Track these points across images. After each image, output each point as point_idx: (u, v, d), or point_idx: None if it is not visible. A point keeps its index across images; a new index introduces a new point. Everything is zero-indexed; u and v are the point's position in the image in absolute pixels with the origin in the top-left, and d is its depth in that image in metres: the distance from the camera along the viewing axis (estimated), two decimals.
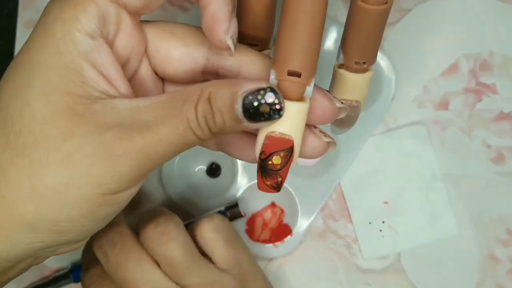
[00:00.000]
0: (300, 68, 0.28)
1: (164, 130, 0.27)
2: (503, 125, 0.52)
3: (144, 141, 0.27)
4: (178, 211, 0.44)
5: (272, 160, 0.29)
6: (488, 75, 0.53)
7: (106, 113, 0.28)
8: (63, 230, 0.29)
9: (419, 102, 0.53)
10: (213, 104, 0.27)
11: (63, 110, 0.27)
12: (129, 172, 0.28)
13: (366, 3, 0.33)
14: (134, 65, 0.32)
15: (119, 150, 0.27)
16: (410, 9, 0.54)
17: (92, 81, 0.29)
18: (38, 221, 0.28)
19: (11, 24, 0.54)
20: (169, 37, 0.32)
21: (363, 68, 0.36)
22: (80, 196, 0.28)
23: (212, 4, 0.29)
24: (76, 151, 0.27)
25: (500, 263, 0.51)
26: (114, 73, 0.30)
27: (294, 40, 0.27)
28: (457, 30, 0.54)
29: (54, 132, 0.27)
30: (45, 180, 0.27)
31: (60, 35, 0.28)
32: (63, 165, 0.27)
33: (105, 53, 0.29)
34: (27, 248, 0.29)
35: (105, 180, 0.28)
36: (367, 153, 0.53)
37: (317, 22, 0.27)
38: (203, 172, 0.55)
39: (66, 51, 0.28)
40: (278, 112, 0.27)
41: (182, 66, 0.32)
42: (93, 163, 0.27)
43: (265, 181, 0.30)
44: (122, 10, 0.30)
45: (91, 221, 0.29)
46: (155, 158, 0.28)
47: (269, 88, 0.27)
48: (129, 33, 0.31)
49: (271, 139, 0.29)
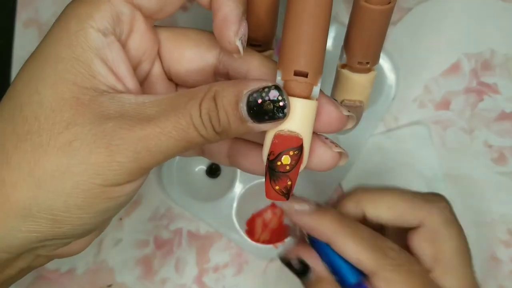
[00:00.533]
0: (306, 68, 0.28)
1: (166, 123, 0.28)
2: (505, 125, 0.52)
3: (144, 132, 0.27)
4: (179, 211, 0.44)
5: (281, 160, 0.29)
6: (489, 74, 0.53)
7: (110, 105, 0.28)
8: (59, 220, 0.29)
9: (420, 102, 0.53)
10: (218, 102, 0.28)
11: (69, 99, 0.28)
12: (128, 163, 0.28)
13: (369, 3, 0.33)
14: (146, 67, 0.33)
15: (118, 139, 0.27)
16: (410, 8, 0.54)
17: (101, 75, 0.29)
18: (34, 207, 0.28)
19: (10, 23, 0.54)
20: (182, 38, 0.33)
21: (366, 68, 0.36)
22: (76, 184, 0.28)
23: (223, 7, 0.29)
24: (76, 139, 0.27)
25: (502, 263, 0.51)
26: (124, 70, 0.30)
27: (299, 40, 0.27)
28: (458, 29, 0.54)
29: (58, 119, 0.28)
30: (43, 166, 0.28)
31: (74, 30, 0.29)
32: (62, 152, 0.27)
33: (116, 50, 0.30)
34: (23, 237, 0.29)
35: (102, 170, 0.28)
36: (368, 153, 0.53)
37: (322, 21, 0.27)
38: (203, 172, 0.55)
39: (78, 44, 0.29)
40: (282, 110, 0.27)
41: (193, 66, 0.33)
42: (92, 151, 0.27)
43: (273, 186, 0.30)
44: (136, 12, 0.31)
45: (87, 214, 0.29)
46: (156, 152, 0.28)
47: (274, 86, 0.27)
48: (142, 34, 0.32)
49: (280, 137, 0.28)
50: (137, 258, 0.53)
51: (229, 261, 0.53)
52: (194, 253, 0.53)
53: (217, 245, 0.54)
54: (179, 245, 0.53)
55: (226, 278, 0.53)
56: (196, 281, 0.53)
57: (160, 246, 0.54)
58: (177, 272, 0.53)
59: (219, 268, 0.53)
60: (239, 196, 0.53)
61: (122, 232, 0.54)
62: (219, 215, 0.53)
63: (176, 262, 0.53)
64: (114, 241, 0.54)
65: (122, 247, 0.53)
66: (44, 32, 0.31)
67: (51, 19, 0.54)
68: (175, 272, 0.53)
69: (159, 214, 0.54)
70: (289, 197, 0.30)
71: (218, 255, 0.53)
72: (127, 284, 0.53)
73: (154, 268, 0.53)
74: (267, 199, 0.53)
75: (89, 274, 0.53)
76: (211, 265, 0.53)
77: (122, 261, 0.53)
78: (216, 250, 0.53)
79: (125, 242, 0.53)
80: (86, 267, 0.53)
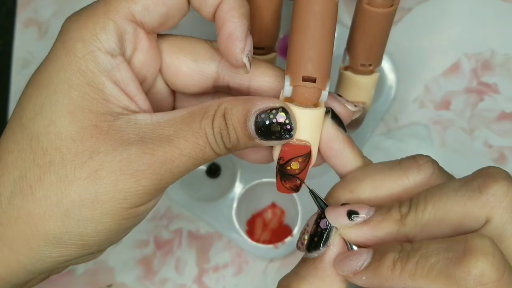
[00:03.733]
0: (314, 73, 0.28)
1: (185, 145, 0.28)
2: (505, 125, 0.52)
3: (166, 155, 0.28)
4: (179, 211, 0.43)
5: (291, 166, 0.30)
6: (489, 75, 0.53)
7: (128, 128, 0.29)
8: (89, 244, 0.29)
9: (420, 102, 0.53)
10: (227, 121, 0.28)
11: (88, 127, 0.28)
12: (151, 185, 0.29)
13: (371, 6, 0.33)
14: (151, 82, 0.33)
15: (142, 165, 0.28)
16: (411, 8, 0.54)
17: (114, 98, 0.29)
18: (65, 235, 0.29)
19: (10, 23, 0.54)
20: (179, 53, 0.32)
21: (369, 70, 0.36)
22: (106, 211, 0.28)
23: (228, 24, 0.29)
24: (102, 167, 0.28)
25: None
26: (134, 89, 0.30)
27: (307, 46, 0.27)
28: (458, 29, 0.54)
29: (80, 149, 0.28)
30: (71, 196, 0.28)
31: (81, 54, 0.29)
32: (89, 181, 0.28)
33: (125, 70, 0.30)
34: (53, 261, 0.30)
35: (129, 195, 0.28)
36: (368, 153, 0.52)
37: (329, 27, 0.27)
38: (203, 172, 0.55)
39: (88, 69, 0.29)
40: (289, 132, 0.28)
41: (192, 81, 0.33)
42: (118, 178, 0.28)
43: (284, 184, 0.31)
44: (139, 29, 0.31)
45: (115, 234, 0.30)
46: (177, 172, 0.29)
47: (281, 108, 0.28)
48: (146, 51, 0.31)
49: (289, 146, 0.29)
50: (137, 258, 0.53)
51: (229, 261, 0.53)
52: (194, 253, 0.53)
53: (217, 245, 0.54)
54: (179, 245, 0.53)
55: (226, 278, 0.53)
56: (196, 281, 0.53)
57: (160, 246, 0.54)
58: (177, 272, 0.53)
59: (219, 268, 0.53)
60: (239, 196, 0.53)
61: None
62: (219, 215, 0.53)
63: (176, 262, 0.53)
64: None
65: (122, 247, 0.53)
66: (44, 32, 0.30)
67: (51, 19, 0.54)
68: (175, 272, 0.53)
69: (159, 214, 0.54)
70: (299, 190, 0.31)
71: (218, 255, 0.53)
72: (127, 284, 0.53)
73: (154, 268, 0.53)
74: (267, 198, 0.54)
75: (89, 274, 0.53)
76: (211, 265, 0.53)
77: (122, 261, 0.53)
78: (216, 250, 0.53)
79: (125, 242, 0.53)
80: (86, 267, 0.53)
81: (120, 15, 0.29)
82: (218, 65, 0.32)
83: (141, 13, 0.30)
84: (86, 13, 0.30)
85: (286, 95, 0.29)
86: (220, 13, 0.30)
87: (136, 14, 0.30)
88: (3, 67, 0.28)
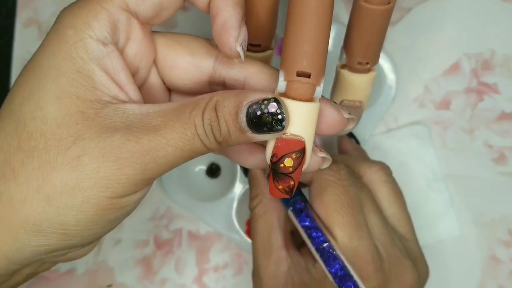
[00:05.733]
0: (309, 68, 0.28)
1: (172, 134, 0.28)
2: (505, 125, 0.52)
3: (151, 144, 0.28)
4: (179, 211, 0.43)
5: (284, 163, 0.29)
6: (489, 74, 0.53)
7: (116, 116, 0.28)
8: (70, 233, 0.29)
9: (420, 102, 0.53)
10: (218, 112, 0.28)
11: (74, 113, 0.28)
12: (135, 175, 0.28)
13: (368, 3, 0.33)
14: (144, 74, 0.33)
15: (125, 152, 0.27)
16: (410, 8, 0.54)
17: (103, 86, 0.29)
18: (44, 222, 0.28)
19: (10, 23, 0.54)
20: (176, 46, 0.32)
21: (366, 69, 0.36)
22: (87, 199, 0.28)
23: (222, 13, 0.29)
24: (85, 153, 0.27)
25: (502, 264, 0.51)
26: (125, 79, 0.30)
27: (302, 41, 0.27)
28: (458, 29, 0.54)
29: (64, 135, 0.28)
30: (52, 182, 0.28)
31: (72, 41, 0.29)
32: (71, 167, 0.27)
33: (116, 59, 0.30)
34: (33, 250, 0.29)
35: (111, 183, 0.28)
36: (368, 153, 0.53)
37: (324, 22, 0.27)
38: (203, 172, 0.55)
39: (78, 56, 0.29)
40: (280, 122, 0.28)
41: (188, 75, 0.33)
42: (101, 165, 0.27)
43: (277, 186, 0.30)
44: (133, 19, 0.31)
45: (97, 225, 0.29)
46: (162, 163, 0.28)
47: (273, 98, 0.28)
48: (139, 42, 0.31)
49: (282, 140, 0.29)
50: (137, 258, 0.53)
51: (229, 261, 0.53)
52: (194, 253, 0.53)
53: (217, 245, 0.54)
54: (179, 245, 0.53)
55: (226, 278, 0.53)
56: (196, 281, 0.53)
57: (160, 246, 0.54)
58: (177, 272, 0.53)
59: (219, 268, 0.53)
60: (239, 196, 0.53)
61: (122, 232, 0.54)
62: (219, 215, 0.53)
63: (176, 262, 0.53)
64: (114, 241, 0.54)
65: (122, 247, 0.53)
66: (44, 32, 0.30)
67: (51, 19, 0.54)
68: (175, 272, 0.53)
69: (159, 214, 0.54)
70: (292, 194, 0.30)
71: (218, 255, 0.53)
72: (127, 284, 0.53)
73: (154, 268, 0.53)
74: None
75: (89, 274, 0.53)
76: (211, 265, 0.53)
77: (122, 261, 0.53)
78: (216, 250, 0.53)
79: (125, 242, 0.53)
80: (86, 267, 0.53)
81: (114, 3, 0.29)
82: (214, 61, 0.32)
83: (135, 2, 0.30)
84: (80, 2, 0.30)
85: (280, 90, 0.28)
86: (214, 3, 0.30)
87: (130, 3, 0.30)
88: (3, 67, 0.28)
